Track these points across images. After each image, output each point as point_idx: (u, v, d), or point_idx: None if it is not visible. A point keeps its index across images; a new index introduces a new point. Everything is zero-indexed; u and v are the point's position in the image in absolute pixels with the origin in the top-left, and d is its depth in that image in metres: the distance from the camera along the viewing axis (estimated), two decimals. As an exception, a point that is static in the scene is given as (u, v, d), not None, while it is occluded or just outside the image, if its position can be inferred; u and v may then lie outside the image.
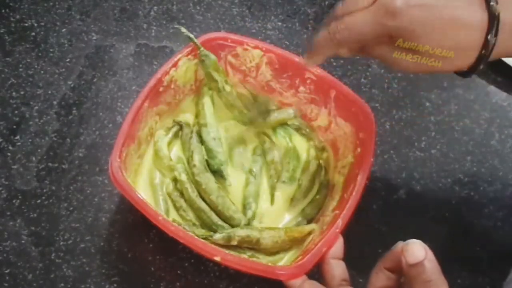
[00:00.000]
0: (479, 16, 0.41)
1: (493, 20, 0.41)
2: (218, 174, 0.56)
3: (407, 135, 0.65)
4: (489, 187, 0.62)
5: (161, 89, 0.56)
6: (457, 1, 0.42)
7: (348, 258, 0.46)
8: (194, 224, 0.54)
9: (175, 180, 0.56)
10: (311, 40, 0.47)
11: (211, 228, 0.53)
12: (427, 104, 0.68)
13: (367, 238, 0.56)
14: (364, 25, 0.42)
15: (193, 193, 0.54)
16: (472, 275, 0.56)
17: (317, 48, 0.46)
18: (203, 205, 0.54)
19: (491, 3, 0.41)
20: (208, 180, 0.55)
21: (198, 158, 0.56)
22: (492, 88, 0.70)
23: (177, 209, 0.55)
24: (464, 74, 0.45)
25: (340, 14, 0.44)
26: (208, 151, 0.57)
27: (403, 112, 0.67)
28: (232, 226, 0.54)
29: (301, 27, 0.73)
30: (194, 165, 0.55)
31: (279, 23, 0.73)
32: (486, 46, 0.42)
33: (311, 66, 0.47)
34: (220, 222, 0.53)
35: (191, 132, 0.59)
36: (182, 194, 0.55)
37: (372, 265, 0.42)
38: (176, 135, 0.59)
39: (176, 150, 0.59)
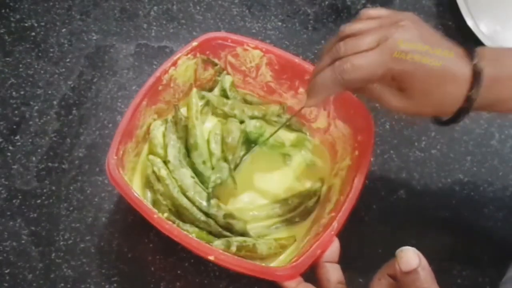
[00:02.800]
0: (466, 71, 0.43)
1: (477, 75, 0.43)
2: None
3: (407, 135, 0.65)
4: (489, 187, 0.62)
5: (160, 87, 0.56)
6: (449, 55, 0.44)
7: (348, 258, 0.46)
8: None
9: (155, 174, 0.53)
10: (312, 80, 0.46)
11: (194, 224, 0.52)
12: (427, 104, 0.68)
13: (367, 238, 0.56)
14: (372, 66, 0.43)
15: (174, 189, 0.52)
16: (472, 275, 0.56)
17: (320, 88, 0.46)
18: (185, 201, 0.52)
19: (475, 60, 0.43)
20: (184, 177, 0.53)
21: (172, 153, 0.54)
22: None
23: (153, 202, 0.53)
24: (444, 123, 0.48)
25: (343, 54, 0.44)
26: (198, 174, 0.54)
27: (403, 112, 0.67)
28: (215, 221, 0.52)
29: (301, 27, 0.73)
30: (169, 161, 0.53)
31: (279, 23, 0.73)
32: (469, 99, 0.43)
33: (311, 106, 0.47)
34: (203, 218, 0.52)
35: (173, 123, 0.56)
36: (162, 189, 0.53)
37: (372, 265, 0.42)
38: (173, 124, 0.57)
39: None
